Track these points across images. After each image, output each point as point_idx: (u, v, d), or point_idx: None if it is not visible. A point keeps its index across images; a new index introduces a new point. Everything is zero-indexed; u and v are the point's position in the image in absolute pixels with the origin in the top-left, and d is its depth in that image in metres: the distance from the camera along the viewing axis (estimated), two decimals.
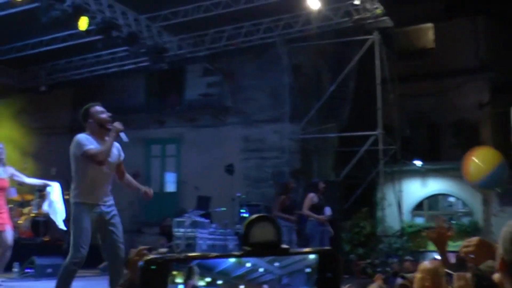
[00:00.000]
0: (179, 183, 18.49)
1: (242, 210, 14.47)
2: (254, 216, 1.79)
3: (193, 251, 11.72)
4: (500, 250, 2.45)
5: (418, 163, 21.99)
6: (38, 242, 13.28)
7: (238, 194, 14.83)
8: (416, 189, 22.76)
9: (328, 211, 12.17)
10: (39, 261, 11.33)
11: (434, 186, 22.90)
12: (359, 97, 18.13)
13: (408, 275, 3.56)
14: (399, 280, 5.67)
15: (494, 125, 22.70)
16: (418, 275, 3.86)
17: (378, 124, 16.81)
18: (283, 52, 17.12)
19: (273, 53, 17.18)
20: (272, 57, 17.37)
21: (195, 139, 18.44)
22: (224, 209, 14.11)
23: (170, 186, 18.97)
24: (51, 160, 14.01)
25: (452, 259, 15.79)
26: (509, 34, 22.74)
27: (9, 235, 8.57)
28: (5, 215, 8.62)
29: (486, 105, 22.17)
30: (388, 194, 19.40)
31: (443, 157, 22.46)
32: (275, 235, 1.78)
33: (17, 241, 13.56)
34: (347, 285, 5.39)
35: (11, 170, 8.71)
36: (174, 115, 18.68)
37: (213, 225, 13.35)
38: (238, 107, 18.10)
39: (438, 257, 15.74)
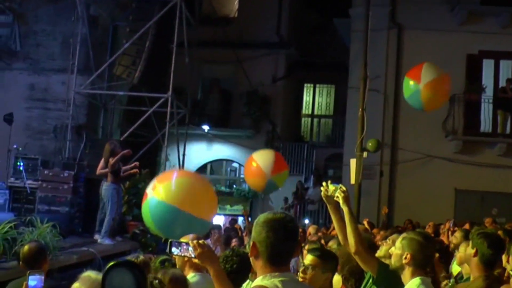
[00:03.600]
0: None
1: (18, 163, 14.57)
2: (115, 262, 2.56)
3: None
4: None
5: (205, 127, 23.80)
6: None
7: (15, 146, 14.98)
8: (201, 153, 24.64)
9: None
10: None
11: (219, 151, 24.97)
12: (154, 57, 19.04)
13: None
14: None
15: (286, 99, 25.09)
16: None
17: (169, 87, 17.63)
18: (80, 0, 17.52)
19: (70, 0, 17.57)
20: (68, 4, 17.76)
21: None
22: None
23: None
24: None
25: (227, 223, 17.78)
26: (310, 17, 25.24)
27: None
28: None
29: (280, 79, 24.41)
30: (172, 155, 20.66)
31: (232, 125, 24.45)
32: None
33: None
34: None
35: None
36: None
37: None
38: (26, 52, 18.32)
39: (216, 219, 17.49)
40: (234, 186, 25.54)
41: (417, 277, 4.03)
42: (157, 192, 6.32)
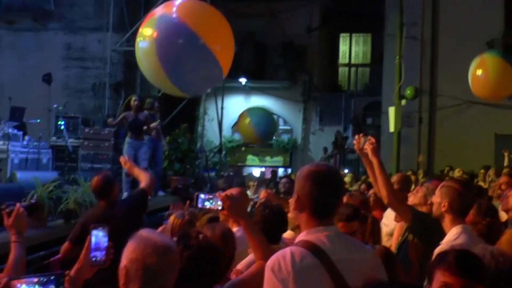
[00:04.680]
0: None
1: (59, 122, 14.76)
2: None
3: (5, 165, 12.16)
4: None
5: (242, 80, 23.81)
6: None
7: (55, 105, 15.06)
8: (239, 105, 24.69)
9: None
10: None
11: (257, 103, 24.99)
12: None
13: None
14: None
15: (321, 49, 24.87)
16: None
17: None
18: None
19: None
20: None
21: (12, 43, 18.53)
22: (39, 120, 14.38)
23: None
24: None
25: (268, 174, 17.99)
26: None
27: None
28: None
29: (315, 30, 24.15)
30: (210, 109, 20.76)
31: (268, 77, 24.41)
32: None
33: None
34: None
35: None
36: None
37: (27, 138, 13.55)
38: (61, 12, 18.35)
39: (257, 172, 17.79)
40: (273, 137, 25.65)
41: (457, 225, 4.00)
42: None
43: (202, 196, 3.66)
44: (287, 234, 5.00)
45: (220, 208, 3.56)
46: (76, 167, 14.09)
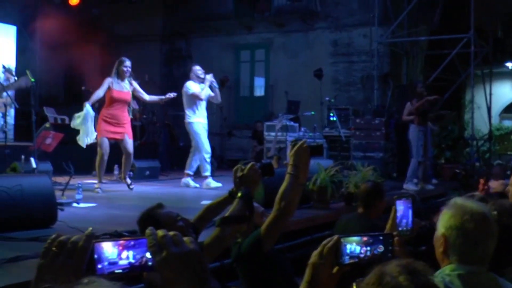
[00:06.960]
0: (268, 87, 18.85)
1: (330, 114, 14.85)
2: None
3: (284, 154, 12.15)
4: None
5: (510, 64, 21.76)
6: (134, 145, 13.44)
7: (327, 98, 15.10)
8: (506, 92, 22.64)
9: None
10: (138, 164, 11.59)
11: None
12: None
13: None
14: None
15: None
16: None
17: (470, 26, 16.07)
18: None
19: None
20: None
21: (283, 44, 18.63)
22: (313, 113, 14.42)
23: (259, 90, 19.37)
24: (143, 67, 14.29)
25: None
26: None
27: (129, 144, 9.77)
28: (127, 126, 9.78)
29: None
30: (476, 97, 19.18)
31: None
32: None
33: (115, 144, 14.26)
34: None
35: (135, 84, 9.85)
36: (262, 21, 18.72)
37: (302, 129, 13.72)
38: (326, 12, 18.05)
39: None
40: None
41: None
42: None
43: None
44: None
45: None
46: (349, 156, 13.94)
